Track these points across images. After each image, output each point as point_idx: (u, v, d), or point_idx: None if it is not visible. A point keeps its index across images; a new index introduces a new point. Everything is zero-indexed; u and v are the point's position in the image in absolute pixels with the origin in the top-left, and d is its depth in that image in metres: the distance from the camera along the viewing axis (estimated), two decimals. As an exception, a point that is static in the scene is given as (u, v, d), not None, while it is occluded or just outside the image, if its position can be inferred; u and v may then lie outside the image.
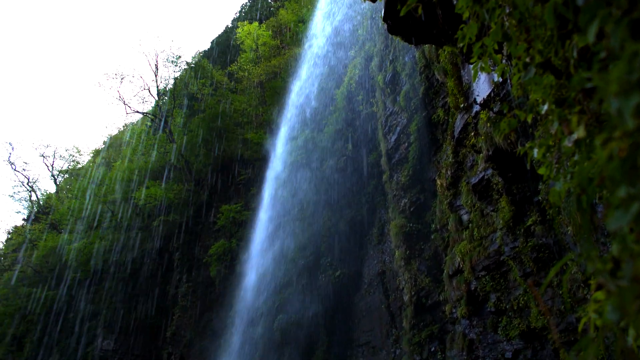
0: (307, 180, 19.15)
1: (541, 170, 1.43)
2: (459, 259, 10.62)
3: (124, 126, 44.55)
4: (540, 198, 8.33)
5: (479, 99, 8.55)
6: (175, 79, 32.30)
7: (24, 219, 45.32)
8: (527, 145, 1.67)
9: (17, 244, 39.25)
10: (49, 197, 41.24)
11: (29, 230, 37.17)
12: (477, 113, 9.28)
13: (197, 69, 31.17)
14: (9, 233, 45.42)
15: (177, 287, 25.38)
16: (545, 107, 1.25)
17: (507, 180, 8.95)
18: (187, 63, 32.56)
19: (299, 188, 19.38)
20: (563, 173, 1.24)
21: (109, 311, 25.95)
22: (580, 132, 1.02)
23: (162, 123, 30.25)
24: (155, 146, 29.64)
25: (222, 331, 20.76)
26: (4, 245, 44.39)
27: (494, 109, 8.00)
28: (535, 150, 1.40)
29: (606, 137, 0.73)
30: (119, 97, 31.95)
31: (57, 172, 42.89)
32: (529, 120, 1.58)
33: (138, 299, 25.85)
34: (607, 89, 0.69)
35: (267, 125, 25.84)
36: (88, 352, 26.04)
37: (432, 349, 11.67)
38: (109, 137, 44.49)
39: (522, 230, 8.65)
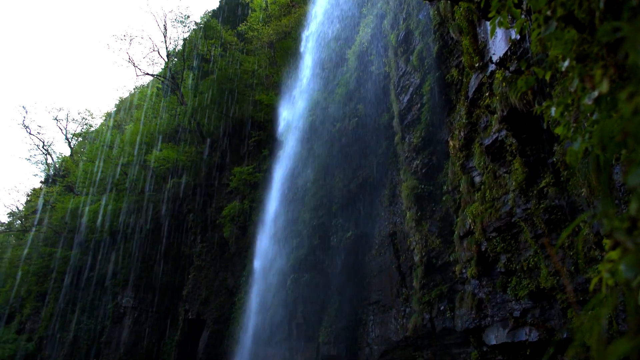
0: (319, 142, 19.09)
1: (558, 130, 1.40)
2: (470, 221, 10.64)
3: (134, 89, 44.48)
4: (554, 159, 8.21)
5: (495, 58, 8.30)
6: (185, 39, 31.83)
7: (41, 182, 46.31)
8: (544, 104, 1.62)
9: (36, 205, 40.29)
10: (64, 160, 41.89)
11: (47, 192, 38.03)
12: (493, 72, 9.04)
13: (206, 29, 30.61)
14: (28, 195, 46.61)
15: (192, 247, 26.01)
16: (566, 63, 1.20)
17: (521, 142, 8.81)
18: (196, 23, 31.99)
19: (311, 150, 19.35)
20: (581, 132, 1.20)
21: (127, 270, 26.82)
22: (603, 87, 0.98)
23: (173, 85, 30.08)
24: (166, 108, 29.63)
25: (236, 289, 21.41)
26: (24, 207, 45.63)
27: (511, 68, 7.77)
28: (553, 109, 1.36)
29: (632, 91, 0.70)
30: (128, 59, 31.68)
31: (71, 136, 43.35)
32: (547, 78, 1.53)
33: (155, 259, 26.62)
34: (637, 38, 0.66)
35: (277, 87, 25.55)
36: (109, 308, 27.16)
37: (442, 307, 11.92)
38: (119, 100, 44.54)
39: (535, 192, 8.59)
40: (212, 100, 26.47)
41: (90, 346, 26.74)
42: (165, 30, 30.85)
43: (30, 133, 41.21)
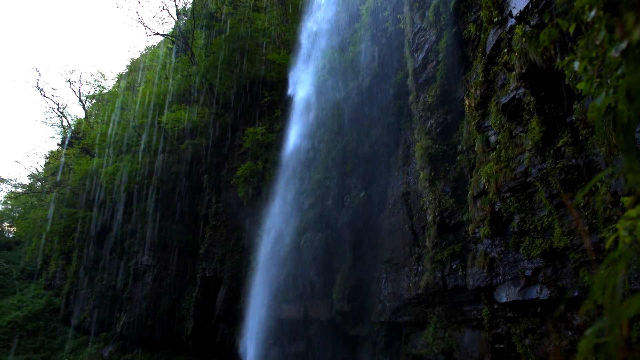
0: (332, 101, 18.87)
1: (580, 85, 1.35)
2: (484, 180, 10.58)
3: (145, 49, 44.05)
4: (573, 118, 8.01)
5: (516, 11, 7.96)
6: (194, -3, 31.08)
7: (58, 144, 47.03)
8: (567, 58, 1.56)
9: (55, 168, 41.14)
10: (79, 122, 42.28)
11: (64, 154, 38.66)
12: (512, 27, 8.70)
13: (216, -15, 29.77)
14: (46, 157, 47.49)
15: (207, 207, 26.47)
16: (593, 13, 1.14)
17: (540, 100, 8.58)
18: (205, -21, 31.04)
19: (324, 109, 19.16)
20: (605, 87, 1.16)
21: (145, 230, 27.54)
22: (635, 35, 0.93)
23: (183, 45, 29.67)
24: (178, 69, 29.38)
25: (251, 248, 21.90)
26: (44, 169, 46.61)
27: (531, 22, 7.46)
28: (576, 64, 1.31)
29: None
30: (138, 19, 31.27)
31: (85, 98, 43.51)
32: (571, 30, 1.46)
33: (172, 219, 27.20)
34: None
35: (289, 45, 25.03)
36: (129, 266, 28.13)
37: (454, 266, 12.07)
38: (131, 61, 44.25)
39: (552, 151, 8.44)
40: (223, 60, 26.10)
41: (113, 302, 27.94)
42: (174, -13, 30.14)
43: (44, 96, 41.48)
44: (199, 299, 24.87)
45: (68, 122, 43.11)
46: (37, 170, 47.80)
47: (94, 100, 44.96)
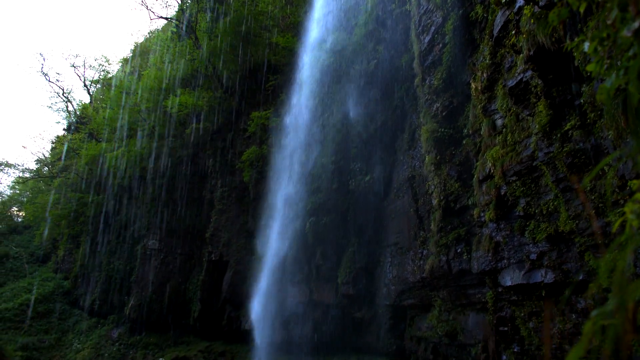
0: (337, 85, 18.73)
1: (590, 67, 1.33)
2: (490, 164, 10.53)
3: (149, 33, 43.77)
4: (581, 101, 7.92)
5: (524, -8, 7.81)
6: (198, -21, 30.64)
7: (64, 129, 47.19)
8: (576, 39, 1.53)
9: (62, 152, 41.32)
10: (84, 107, 42.32)
11: (70, 140, 38.81)
12: (521, 8, 8.55)
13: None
14: (52, 143, 47.71)
15: (212, 191, 26.57)
16: (605, -8, 1.11)
17: (547, 83, 8.48)
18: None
19: (328, 93, 19.04)
20: (615, 68, 1.14)
21: (152, 214, 27.75)
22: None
23: (187, 28, 29.43)
24: (182, 53, 29.20)
25: (257, 232, 22.04)
26: (50, 154, 46.87)
27: (540, 3, 7.32)
28: (586, 44, 1.28)
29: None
30: (141, 2, 30.99)
31: (90, 82, 43.48)
32: (582, 9, 1.43)
33: (178, 203, 27.37)
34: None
35: (294, 28, 24.75)
36: (136, 250, 28.44)
37: (458, 250, 12.10)
38: (135, 45, 44.03)
39: (559, 135, 8.37)
40: (228, 44, 25.90)
41: (121, 285, 28.34)
42: (177, -31, 29.73)
43: (49, 80, 41.52)
44: (205, 282, 25.15)
45: (73, 107, 43.21)
46: (44, 156, 48.09)
47: (98, 85, 44.92)
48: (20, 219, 45.49)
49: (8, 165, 44.92)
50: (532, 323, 10.12)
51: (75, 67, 41.30)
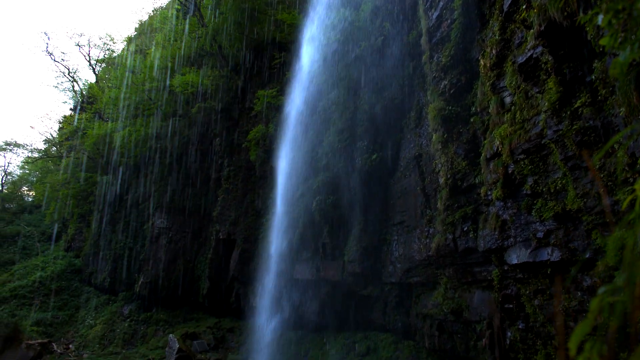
0: (343, 63, 18.50)
1: (604, 41, 1.29)
2: (497, 143, 10.44)
3: (153, 11, 43.27)
4: (593, 77, 7.77)
5: (536, -36, 7.59)
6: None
7: (71, 109, 47.28)
8: (590, 12, 1.49)
9: (69, 132, 41.51)
10: (90, 86, 42.26)
11: (77, 119, 38.91)
12: (532, -19, 8.32)
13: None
14: (60, 122, 47.90)
15: (219, 170, 26.68)
16: (621, -38, 1.07)
17: (558, 59, 8.31)
18: None
19: (335, 70, 18.83)
20: (630, 42, 1.11)
21: (160, 193, 27.97)
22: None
23: (192, 5, 29.04)
24: (187, 31, 28.89)
25: (264, 211, 22.19)
26: (58, 134, 47.12)
27: (553, -24, 7.12)
28: (600, 17, 1.24)
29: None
30: (144, -22, 30.42)
31: (95, 62, 43.29)
32: (597, -18, 1.39)
33: (185, 182, 27.55)
34: None
35: (300, 5, 24.34)
36: (145, 229, 28.79)
37: (465, 228, 12.12)
38: (139, 23, 43.60)
39: (569, 112, 8.25)
40: (232, 21, 25.56)
41: (131, 262, 28.81)
42: (180, -56, 29.18)
43: (54, 60, 41.48)
44: (213, 260, 25.50)
45: (79, 87, 43.18)
46: (52, 135, 48.35)
47: (103, 64, 44.73)
48: (30, 199, 46.10)
49: (17, 145, 45.28)
50: (538, 300, 10.19)
51: (80, 46, 41.22)
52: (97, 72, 43.82)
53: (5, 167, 53.26)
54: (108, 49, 44.11)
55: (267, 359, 18.98)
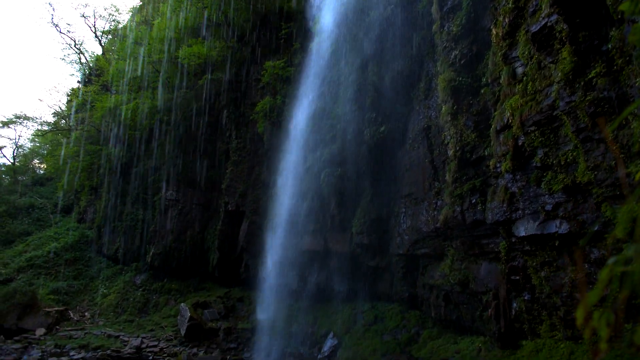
0: (352, 32, 18.14)
1: (624, 6, 1.25)
2: (508, 114, 10.29)
3: (157, -21, 42.41)
4: (609, 46, 7.56)
5: None
6: None
7: (78, 81, 47.19)
8: (609, -23, 1.43)
9: (77, 105, 41.55)
10: (97, 58, 42.01)
11: (84, 92, 38.86)
12: (549, -55, 8.01)
13: None
14: (68, 95, 47.92)
15: (227, 143, 26.70)
16: None
17: (573, 27, 8.07)
18: None
19: (344, 40, 18.49)
20: (650, 8, 1.07)
21: (168, 166, 28.14)
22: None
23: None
24: (192, 0, 28.37)
25: (272, 183, 22.27)
26: (67, 107, 47.21)
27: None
28: (620, -18, 1.20)
29: None
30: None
31: (100, 33, 42.87)
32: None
33: (193, 155, 27.64)
34: None
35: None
36: (155, 201, 29.12)
37: (473, 200, 12.11)
38: (144, -8, 42.86)
39: (583, 83, 8.07)
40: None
41: (142, 234, 29.30)
42: None
43: (60, 32, 41.20)
44: (222, 232, 25.83)
45: (86, 59, 42.94)
46: (60, 108, 48.46)
47: (109, 36, 44.30)
48: (42, 171, 46.65)
49: (26, 118, 45.47)
50: (544, 272, 10.26)
51: (85, 17, 40.72)
52: (103, 44, 43.46)
53: (16, 140, 53.75)
54: (113, 20, 43.60)
55: (276, 328, 19.45)
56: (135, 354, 20.44)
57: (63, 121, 46.98)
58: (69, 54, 47.60)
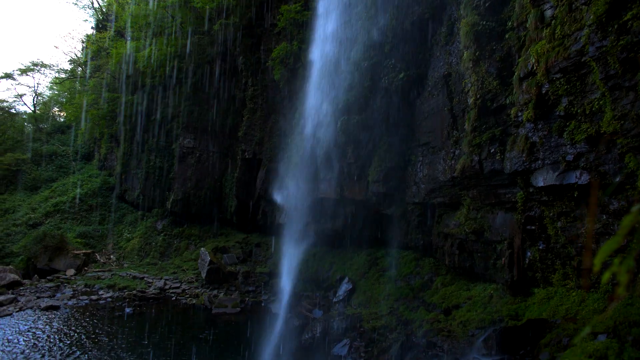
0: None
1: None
2: (533, 60, 9.88)
3: None
4: (647, -14, 7.06)
5: None
6: None
7: (92, 27, 46.52)
8: None
9: (92, 52, 41.24)
10: (109, 3, 41.11)
11: (98, 39, 38.41)
12: None
13: None
14: (82, 42, 47.48)
15: (244, 90, 26.45)
16: None
17: (611, -36, 7.53)
18: None
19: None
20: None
21: (185, 113, 28.19)
22: None
23: None
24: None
25: (289, 131, 22.23)
26: (82, 54, 46.92)
27: None
28: None
29: None
30: None
31: (112, -26, 41.62)
32: None
33: (210, 102, 27.55)
34: None
35: None
36: (173, 148, 29.48)
37: (492, 150, 11.94)
38: None
39: (616, 26, 7.64)
40: None
41: (161, 181, 29.94)
42: None
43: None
44: (240, 179, 26.23)
45: (99, 3, 42.06)
46: (76, 55, 48.22)
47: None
48: (62, 119, 47.24)
49: (44, 65, 45.46)
50: (561, 222, 10.25)
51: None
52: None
53: (35, 88, 54.14)
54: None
55: (293, 272, 20.14)
56: (160, 294, 21.56)
57: (79, 69, 46.89)
58: (81, -1, 46.49)
